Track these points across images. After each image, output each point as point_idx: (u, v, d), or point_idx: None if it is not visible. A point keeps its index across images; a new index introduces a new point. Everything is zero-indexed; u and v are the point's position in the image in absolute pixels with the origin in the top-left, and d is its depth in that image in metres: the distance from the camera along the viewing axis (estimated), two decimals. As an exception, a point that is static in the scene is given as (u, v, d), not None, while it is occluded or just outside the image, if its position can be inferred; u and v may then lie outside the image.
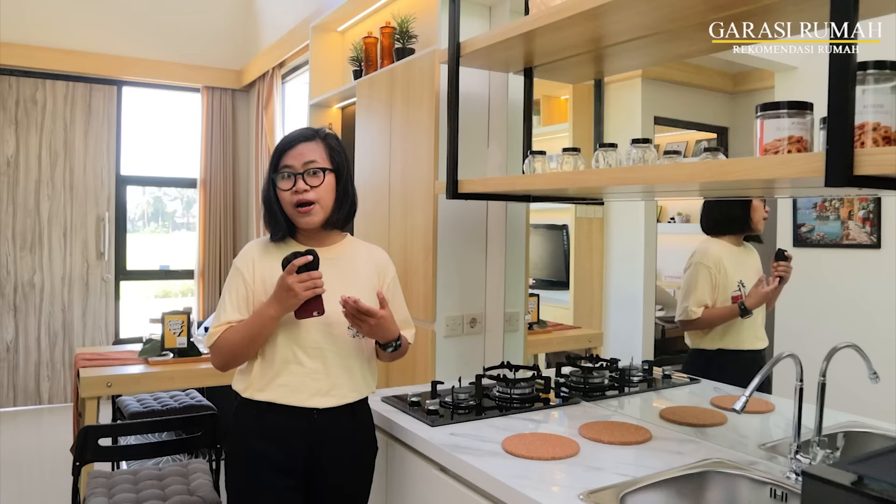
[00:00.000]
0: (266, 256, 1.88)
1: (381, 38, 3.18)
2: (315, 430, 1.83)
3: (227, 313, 1.84)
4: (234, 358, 1.84)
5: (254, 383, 1.83)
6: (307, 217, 1.83)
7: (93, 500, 2.42)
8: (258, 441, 1.82)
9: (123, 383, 3.14)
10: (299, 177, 1.80)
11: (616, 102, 2.47)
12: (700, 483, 1.64)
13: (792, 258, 1.85)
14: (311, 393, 1.82)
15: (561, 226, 2.78)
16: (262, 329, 1.78)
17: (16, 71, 5.38)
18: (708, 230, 2.09)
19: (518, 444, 1.79)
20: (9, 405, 5.45)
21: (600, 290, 2.57)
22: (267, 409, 1.82)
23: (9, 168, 5.40)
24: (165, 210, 6.66)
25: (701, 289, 2.06)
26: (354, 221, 3.22)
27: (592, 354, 2.57)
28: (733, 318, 2.00)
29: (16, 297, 5.44)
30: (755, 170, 1.39)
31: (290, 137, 1.86)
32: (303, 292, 1.72)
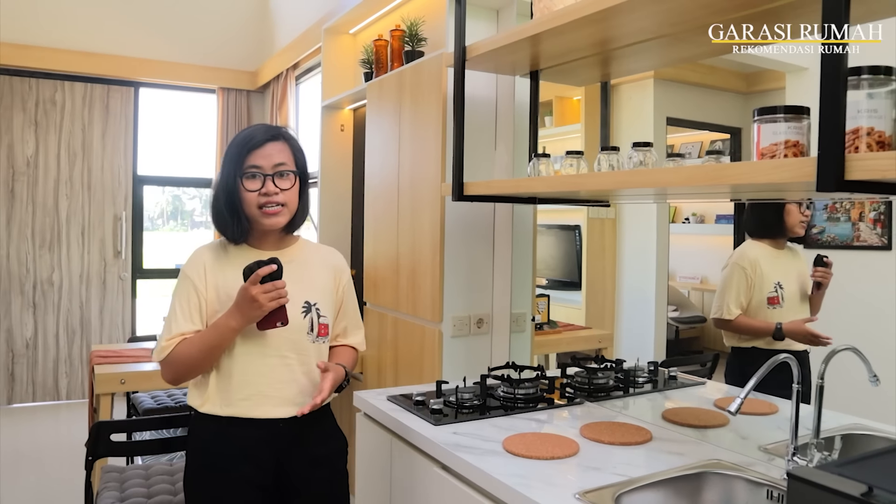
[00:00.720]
0: (218, 262, 1.80)
1: (391, 40, 3.22)
2: (282, 439, 1.78)
3: (178, 324, 1.74)
4: (189, 372, 1.75)
5: (212, 398, 1.77)
6: (274, 219, 1.76)
7: (105, 493, 2.47)
8: (222, 458, 1.76)
9: (137, 380, 3.20)
10: (269, 178, 1.73)
11: (628, 103, 2.48)
12: (697, 484, 1.65)
13: (832, 264, 1.83)
14: (276, 403, 1.77)
15: (573, 226, 2.79)
16: (222, 341, 1.71)
17: (35, 73, 5.47)
18: (749, 232, 2.08)
19: (518, 443, 1.81)
20: (28, 400, 5.55)
21: (613, 291, 2.57)
22: (228, 423, 1.75)
23: (28, 168, 5.50)
24: (184, 209, 6.75)
25: (735, 289, 2.05)
26: (366, 221, 3.27)
27: (598, 355, 2.59)
28: (766, 335, 1.97)
29: (35, 295, 5.54)
30: (749, 174, 1.40)
31: (256, 136, 1.75)
32: (267, 303, 1.65)
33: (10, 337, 5.49)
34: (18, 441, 4.82)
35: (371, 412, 2.24)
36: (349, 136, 4.09)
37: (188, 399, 1.83)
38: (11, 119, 5.43)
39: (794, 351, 1.99)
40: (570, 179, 1.90)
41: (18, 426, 5.11)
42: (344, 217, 4.12)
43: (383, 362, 3.12)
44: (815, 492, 1.02)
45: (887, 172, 1.17)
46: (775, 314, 1.97)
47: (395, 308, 2.99)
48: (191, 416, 1.85)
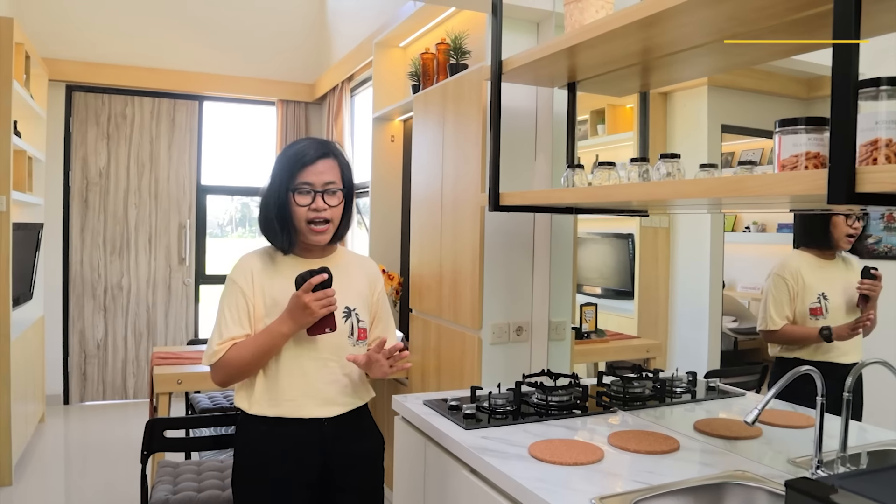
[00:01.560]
0: (265, 269, 1.88)
1: (437, 53, 3.30)
2: (326, 439, 1.87)
3: (228, 329, 1.83)
4: (240, 375, 1.84)
5: (259, 399, 1.85)
6: (321, 235, 1.85)
7: (159, 486, 2.61)
8: (270, 458, 1.84)
9: (192, 381, 3.35)
10: (319, 195, 1.82)
11: (682, 111, 2.48)
12: (718, 494, 1.65)
13: (881, 276, 1.80)
14: (319, 403, 1.86)
15: (626, 235, 2.80)
16: (273, 346, 1.80)
17: (108, 89, 5.78)
18: (796, 242, 2.07)
19: (544, 449, 1.85)
20: (98, 399, 5.85)
21: (666, 300, 2.56)
22: (275, 423, 1.84)
23: (101, 178, 5.80)
24: (252, 216, 6.98)
25: (777, 299, 2.04)
26: (411, 231, 3.35)
27: (635, 365, 2.59)
28: (815, 341, 1.94)
29: (106, 299, 5.83)
30: (766, 186, 1.41)
31: (307, 153, 1.83)
32: (319, 310, 1.74)
33: (83, 338, 5.79)
34: (89, 436, 5.08)
35: (408, 416, 2.31)
36: (399, 147, 4.18)
37: (236, 401, 1.92)
38: (86, 133, 5.75)
39: (842, 364, 1.97)
40: (595, 191, 1.93)
41: (89, 423, 5.39)
42: (394, 226, 4.21)
43: (427, 368, 3.19)
44: (807, 500, 1.03)
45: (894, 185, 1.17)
46: (819, 325, 1.94)
47: (438, 315, 3.05)
48: (237, 416, 1.94)
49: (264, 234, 1.91)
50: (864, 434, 1.78)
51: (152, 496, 2.55)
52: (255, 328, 1.86)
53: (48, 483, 4.18)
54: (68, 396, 5.78)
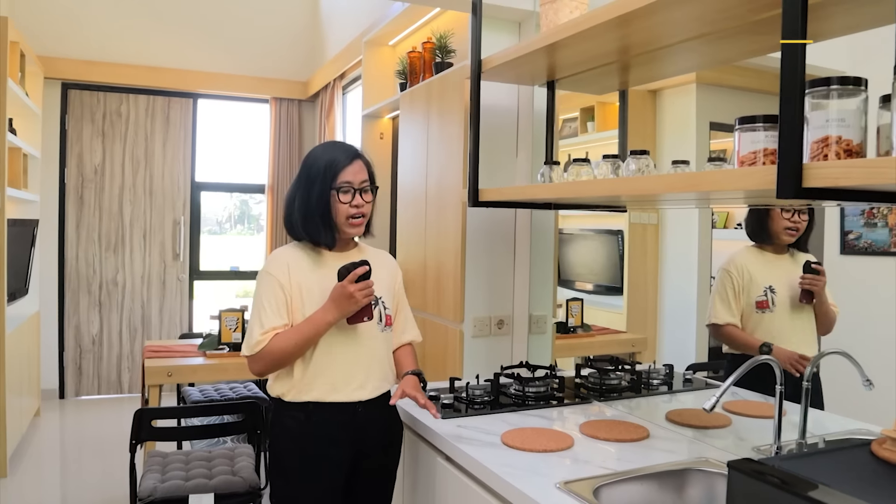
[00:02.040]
0: (300, 263, 1.99)
1: (423, 52, 3.35)
2: (358, 422, 1.98)
3: (270, 319, 1.91)
4: (281, 363, 1.93)
5: (296, 385, 1.95)
6: (357, 228, 2.00)
7: (148, 476, 2.67)
8: (309, 442, 1.95)
9: (182, 373, 3.41)
10: (357, 192, 1.96)
11: (671, 108, 2.52)
12: (680, 480, 1.71)
13: (823, 271, 1.84)
14: (354, 387, 1.97)
15: (616, 231, 2.84)
16: (317, 334, 1.91)
17: (103, 87, 5.83)
18: (748, 235, 2.10)
19: (516, 437, 1.90)
20: (94, 393, 5.91)
21: (654, 296, 2.60)
22: (313, 408, 1.94)
23: (96, 175, 5.85)
24: (251, 213, 7.04)
25: (722, 294, 2.09)
26: (398, 227, 3.40)
27: (614, 357, 2.65)
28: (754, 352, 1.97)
29: (101, 294, 5.89)
30: (721, 181, 1.47)
31: (341, 157, 1.97)
32: (363, 299, 1.88)
33: (79, 333, 5.85)
34: (84, 430, 5.14)
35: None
36: (388, 144, 4.24)
37: (271, 390, 2.01)
38: (81, 130, 5.80)
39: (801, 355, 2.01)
40: (565, 187, 1.99)
41: (84, 417, 5.44)
42: (383, 222, 4.27)
43: (412, 361, 3.24)
44: (746, 480, 1.09)
45: (839, 180, 1.22)
46: (765, 318, 1.98)
47: (422, 309, 3.11)
48: (271, 406, 2.05)
49: (307, 234, 1.99)
50: (827, 423, 1.84)
51: (141, 485, 2.61)
52: (293, 319, 1.96)
53: (43, 475, 4.24)
54: (64, 391, 5.84)
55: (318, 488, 1.96)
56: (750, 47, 1.97)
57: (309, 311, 1.94)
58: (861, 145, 1.32)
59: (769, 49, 1.95)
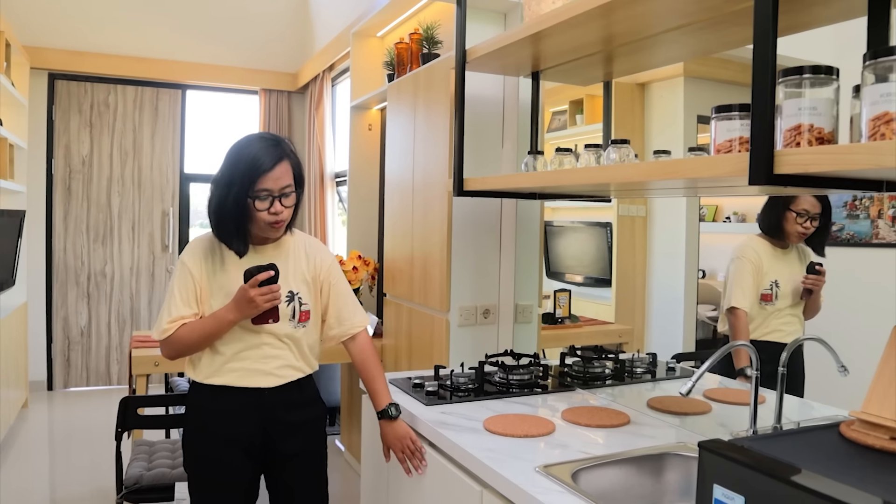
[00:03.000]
0: (212, 255, 2.00)
1: (410, 43, 3.35)
2: (265, 406, 2.00)
3: (177, 308, 1.95)
4: (187, 352, 1.99)
5: (204, 370, 2.00)
6: (277, 233, 1.99)
7: (134, 464, 2.69)
8: (212, 420, 2.00)
9: (169, 363, 3.40)
10: (276, 199, 1.91)
11: (659, 101, 2.54)
12: (658, 464, 1.74)
13: (824, 272, 1.89)
14: (261, 376, 1.99)
15: (605, 223, 2.86)
16: (219, 331, 1.93)
17: (91, 77, 5.81)
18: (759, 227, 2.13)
19: (498, 423, 1.93)
20: (82, 385, 5.91)
21: (643, 288, 2.62)
22: (220, 391, 1.99)
23: (84, 167, 5.84)
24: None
25: (741, 279, 2.10)
26: (385, 217, 3.42)
27: (598, 346, 2.67)
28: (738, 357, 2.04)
29: (89, 286, 5.88)
30: (695, 169, 1.49)
31: (264, 160, 1.87)
32: (263, 304, 1.87)
33: (67, 325, 5.84)
34: (72, 422, 5.14)
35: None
36: (377, 135, 4.25)
37: (185, 370, 2.07)
38: (69, 121, 5.78)
39: (783, 343, 2.05)
40: (546, 176, 2.01)
41: (72, 408, 5.44)
42: (372, 213, 4.28)
43: (399, 350, 3.27)
44: (716, 459, 1.12)
45: (809, 167, 1.24)
46: (765, 311, 2.03)
47: (409, 299, 3.13)
48: (189, 385, 2.09)
49: (219, 236, 1.98)
50: (805, 410, 1.87)
51: (127, 473, 2.62)
52: (202, 309, 1.99)
53: (31, 467, 4.24)
54: (52, 382, 5.83)
55: (225, 464, 2.01)
56: (730, 38, 1.99)
57: (216, 303, 1.96)
58: (833, 133, 1.34)
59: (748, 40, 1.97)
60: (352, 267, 3.70)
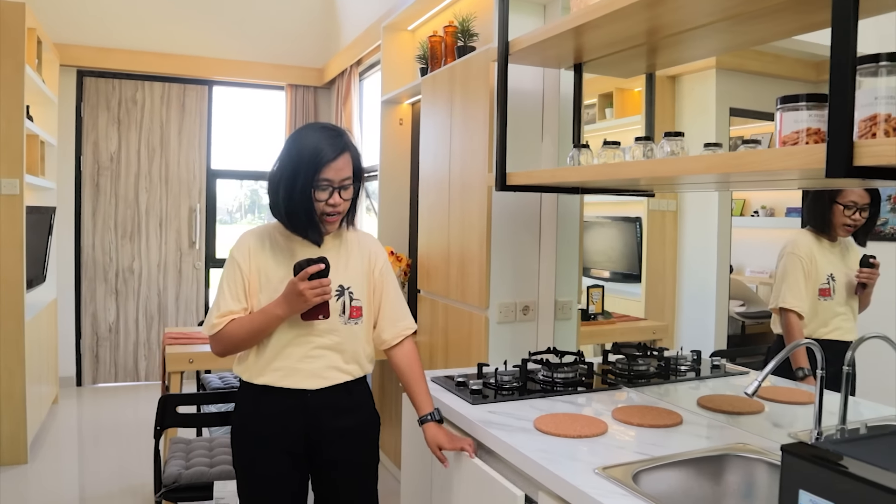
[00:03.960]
0: (263, 248, 1.97)
1: (444, 36, 3.31)
2: (309, 408, 1.94)
3: (227, 303, 1.92)
4: (236, 348, 1.95)
5: (250, 367, 1.96)
6: (332, 225, 1.94)
7: (172, 462, 2.67)
8: (257, 421, 1.96)
9: (204, 360, 3.40)
10: (336, 191, 1.88)
11: (690, 94, 2.49)
12: (718, 466, 1.69)
13: (878, 265, 1.84)
14: (305, 376, 1.93)
15: (634, 218, 2.82)
16: (268, 326, 1.89)
17: (119, 74, 5.82)
18: (806, 222, 2.09)
19: (549, 422, 1.88)
20: (110, 381, 5.93)
21: (673, 284, 2.58)
22: (263, 390, 1.94)
23: (112, 163, 5.85)
24: (262, 202, 7.01)
25: (792, 277, 2.05)
26: (420, 212, 3.38)
27: (640, 344, 2.62)
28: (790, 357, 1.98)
29: (117, 282, 5.90)
30: (765, 161, 1.43)
31: (327, 150, 1.86)
32: (313, 299, 1.81)
33: (95, 321, 5.86)
34: (101, 417, 5.16)
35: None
36: (407, 130, 4.21)
37: (234, 368, 2.04)
38: (97, 118, 5.80)
39: (841, 341, 1.99)
40: (598, 169, 1.96)
41: (101, 404, 5.46)
42: (402, 208, 4.24)
43: (434, 347, 3.23)
44: (802, 464, 1.07)
45: (893, 158, 1.19)
46: (824, 306, 1.98)
47: (445, 295, 3.09)
48: (239, 382, 2.05)
49: (292, 228, 1.94)
50: (861, 410, 1.81)
51: (165, 471, 2.60)
52: (251, 303, 1.95)
53: (62, 463, 4.26)
54: (81, 378, 5.86)
55: (268, 467, 1.96)
56: (782, 28, 1.93)
57: (265, 298, 1.92)
58: (911, 124, 1.29)
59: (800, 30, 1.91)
60: (385, 263, 3.65)
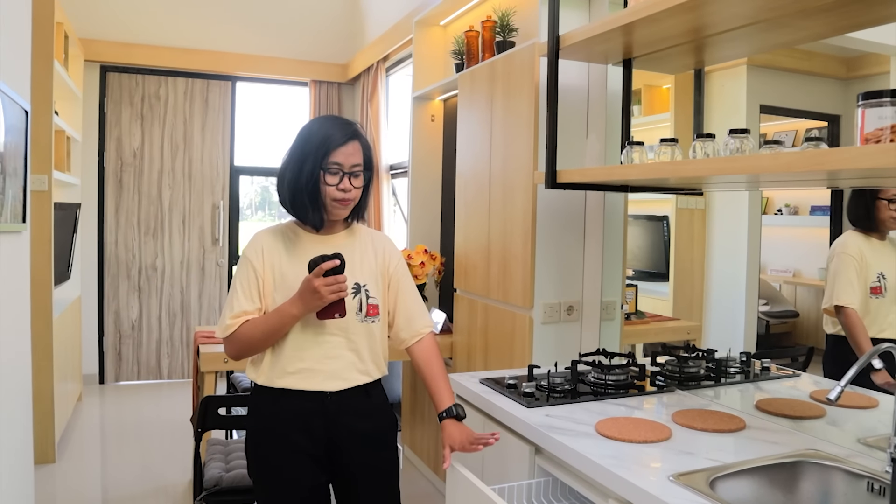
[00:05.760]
0: (276, 246, 1.92)
1: (482, 31, 3.26)
2: (329, 411, 1.88)
3: (240, 303, 1.87)
4: (251, 350, 1.88)
5: (266, 371, 1.89)
6: (343, 210, 1.89)
7: (212, 464, 2.63)
8: (275, 425, 1.89)
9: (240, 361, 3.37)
10: (346, 176, 1.85)
11: (720, 91, 2.44)
12: (793, 473, 1.64)
13: None
14: (324, 378, 1.87)
15: (661, 217, 2.78)
16: (283, 326, 1.83)
17: (142, 69, 5.79)
18: (851, 222, 2.04)
19: (611, 426, 1.84)
20: (133, 378, 5.91)
21: (701, 283, 2.54)
22: (281, 394, 1.88)
23: (135, 159, 5.82)
24: (272, 199, 6.99)
25: (845, 275, 2.00)
26: (457, 210, 3.34)
27: (689, 345, 2.57)
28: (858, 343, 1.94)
29: (140, 279, 5.88)
30: (852, 159, 1.38)
31: (336, 135, 1.85)
32: (328, 296, 1.76)
33: (118, 319, 5.84)
34: (125, 416, 5.15)
35: (464, 394, 2.30)
36: (439, 126, 4.16)
37: (247, 372, 1.96)
38: (120, 113, 5.77)
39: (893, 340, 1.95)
40: (666, 167, 1.90)
41: (124, 402, 5.45)
42: (434, 206, 4.20)
43: (473, 347, 3.19)
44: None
45: None
46: (877, 304, 1.94)
47: (485, 295, 3.04)
48: (251, 387, 1.99)
49: (294, 213, 1.92)
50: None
51: (205, 474, 2.57)
52: (265, 303, 1.89)
53: (89, 461, 4.24)
54: (104, 376, 5.84)
55: (287, 472, 1.90)
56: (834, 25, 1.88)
57: (280, 297, 1.87)
58: None
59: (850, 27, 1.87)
60: (419, 262, 3.61)
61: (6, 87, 2.17)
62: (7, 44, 2.25)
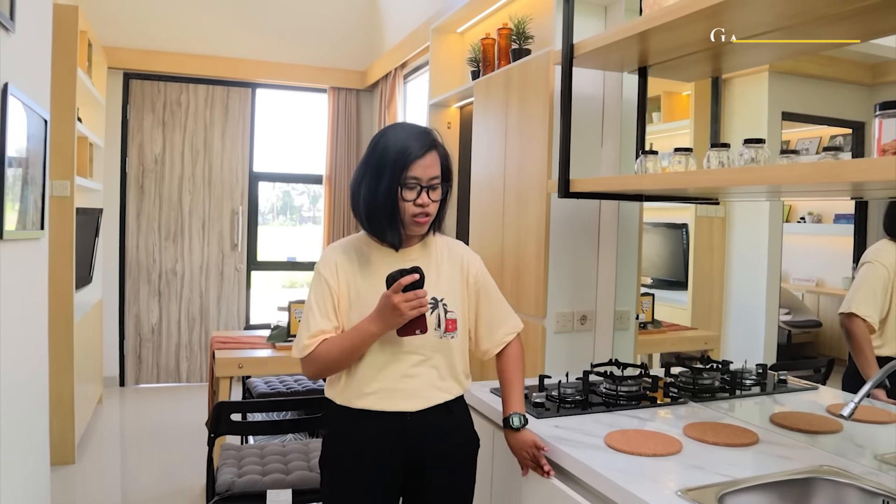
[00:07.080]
0: (350, 262, 1.85)
1: (498, 39, 3.26)
2: (409, 432, 1.82)
3: (317, 322, 1.80)
4: (330, 370, 1.82)
5: (345, 391, 1.83)
6: (421, 227, 1.81)
7: (224, 469, 2.64)
8: (354, 447, 1.83)
9: (253, 365, 3.39)
10: (424, 190, 1.76)
11: (741, 98, 2.41)
12: (805, 489, 1.61)
13: None
14: (403, 397, 1.81)
15: (680, 225, 2.75)
16: (362, 345, 1.76)
17: (164, 76, 5.87)
18: (885, 231, 1.99)
19: (620, 439, 1.82)
20: (153, 381, 5.97)
21: (720, 292, 2.51)
22: (359, 415, 1.81)
23: (156, 165, 5.89)
24: (293, 204, 7.03)
25: (869, 285, 1.94)
26: (471, 218, 3.33)
27: (703, 356, 2.54)
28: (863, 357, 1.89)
29: (160, 284, 5.94)
30: (869, 171, 1.36)
31: (414, 147, 1.75)
32: (409, 311, 1.68)
33: (138, 322, 5.91)
34: (144, 418, 5.19)
35: (474, 403, 2.29)
36: (455, 134, 4.16)
37: (325, 391, 1.90)
38: (142, 120, 5.85)
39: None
40: (678, 177, 1.88)
41: (144, 405, 5.50)
42: (450, 213, 4.19)
43: (485, 356, 3.17)
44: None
45: None
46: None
47: (498, 303, 3.03)
48: (329, 406, 1.91)
49: (370, 231, 1.84)
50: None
51: (218, 478, 2.58)
52: (342, 321, 1.83)
53: (108, 463, 4.28)
54: (124, 378, 5.90)
55: (361, 495, 1.84)
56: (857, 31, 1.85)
57: (356, 315, 1.79)
58: None
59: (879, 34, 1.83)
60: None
61: (26, 97, 2.20)
62: (28, 54, 2.28)
